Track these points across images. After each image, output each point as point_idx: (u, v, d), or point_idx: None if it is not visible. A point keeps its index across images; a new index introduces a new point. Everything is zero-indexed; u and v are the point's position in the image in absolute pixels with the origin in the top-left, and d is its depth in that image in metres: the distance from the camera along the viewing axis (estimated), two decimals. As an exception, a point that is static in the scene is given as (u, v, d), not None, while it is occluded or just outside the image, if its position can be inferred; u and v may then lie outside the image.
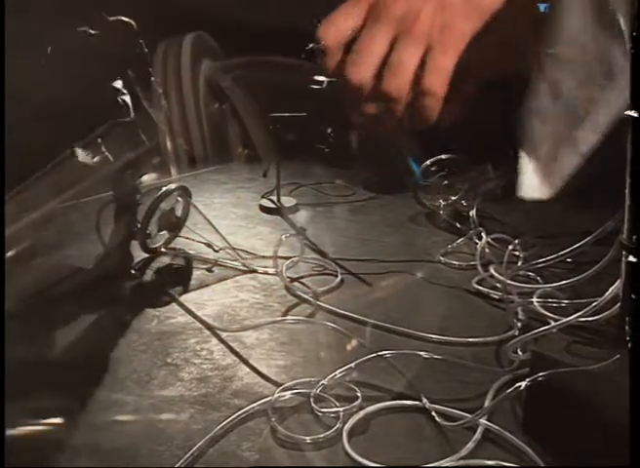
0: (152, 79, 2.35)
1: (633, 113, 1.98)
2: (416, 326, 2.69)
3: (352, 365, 2.41)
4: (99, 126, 3.09)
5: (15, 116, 2.38)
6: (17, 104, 2.66)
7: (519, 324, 2.74)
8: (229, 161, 4.38)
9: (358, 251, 3.21)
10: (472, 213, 3.60)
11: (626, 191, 2.20)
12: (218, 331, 2.73)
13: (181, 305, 2.98)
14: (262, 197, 3.95)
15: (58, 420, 2.30)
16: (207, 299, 3.11)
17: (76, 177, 3.08)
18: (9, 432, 1.94)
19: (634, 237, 2.21)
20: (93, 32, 2.73)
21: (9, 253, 2.50)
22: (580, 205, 3.61)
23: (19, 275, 2.25)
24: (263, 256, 3.31)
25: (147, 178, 3.27)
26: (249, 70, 2.62)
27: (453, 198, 3.82)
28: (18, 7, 3.05)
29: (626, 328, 2.22)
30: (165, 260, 3.40)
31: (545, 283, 3.04)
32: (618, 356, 2.25)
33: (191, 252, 3.46)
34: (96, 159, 3.13)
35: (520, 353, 2.54)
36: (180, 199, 3.36)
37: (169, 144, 2.30)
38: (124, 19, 2.86)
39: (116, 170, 3.00)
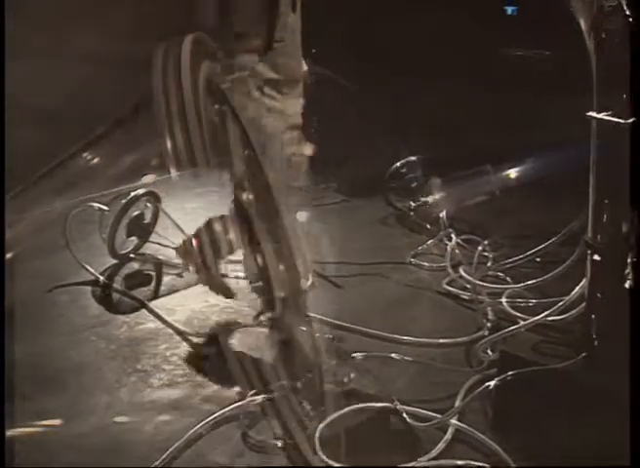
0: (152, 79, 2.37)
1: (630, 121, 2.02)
2: (388, 328, 2.71)
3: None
4: (98, 126, 3.08)
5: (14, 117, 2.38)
6: (17, 106, 2.64)
7: (489, 324, 2.77)
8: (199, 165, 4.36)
9: (329, 253, 3.20)
10: (442, 214, 3.63)
11: (590, 192, 2.24)
12: (188, 337, 2.71)
13: (151, 311, 2.95)
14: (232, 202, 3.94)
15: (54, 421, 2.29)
16: (177, 304, 3.07)
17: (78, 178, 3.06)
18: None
19: (598, 236, 2.25)
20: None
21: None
22: (547, 205, 3.66)
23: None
24: (233, 261, 3.30)
25: (147, 179, 3.24)
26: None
27: (423, 199, 3.86)
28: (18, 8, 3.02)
29: (593, 325, 2.26)
30: (134, 266, 3.39)
31: (515, 283, 3.08)
32: (584, 354, 2.29)
33: (161, 257, 3.43)
34: (96, 160, 3.12)
35: (490, 353, 2.57)
36: (148, 204, 3.34)
37: (169, 144, 2.33)
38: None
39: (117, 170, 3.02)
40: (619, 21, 1.88)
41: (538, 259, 3.09)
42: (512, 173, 3.65)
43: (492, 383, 2.22)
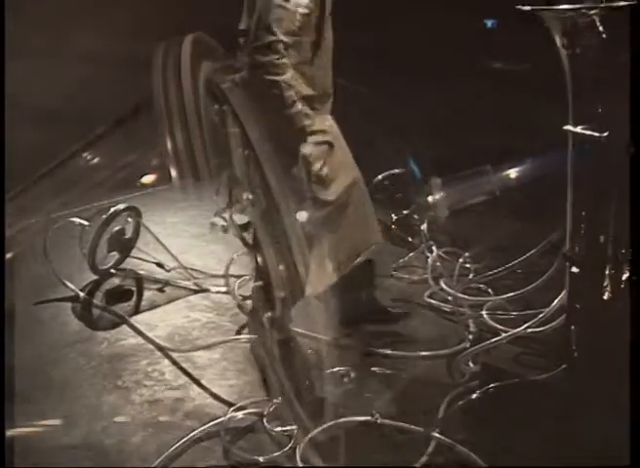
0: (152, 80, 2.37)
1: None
2: (369, 342, 2.71)
3: (307, 382, 2.41)
4: (98, 126, 3.06)
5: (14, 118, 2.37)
6: (17, 106, 2.62)
7: (470, 336, 2.78)
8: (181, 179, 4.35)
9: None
10: (424, 227, 3.64)
11: (567, 204, 2.26)
12: (169, 352, 2.70)
13: (132, 327, 2.93)
14: (215, 215, 3.93)
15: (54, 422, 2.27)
16: (158, 320, 3.06)
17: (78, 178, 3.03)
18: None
19: (576, 248, 2.27)
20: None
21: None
22: (528, 217, 3.69)
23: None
24: (215, 275, 3.30)
25: (147, 179, 3.22)
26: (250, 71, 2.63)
27: (405, 212, 3.87)
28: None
29: (572, 337, 2.27)
30: (115, 281, 3.37)
31: (497, 294, 3.10)
32: (564, 366, 2.31)
33: (142, 272, 3.43)
34: (96, 160, 3.10)
35: (472, 365, 2.57)
36: (129, 219, 3.33)
37: (169, 145, 2.31)
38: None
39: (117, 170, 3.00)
40: (593, 38, 1.91)
41: (519, 271, 3.11)
42: (512, 173, 3.65)
43: (474, 396, 2.24)
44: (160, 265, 3.33)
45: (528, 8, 1.98)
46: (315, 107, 2.43)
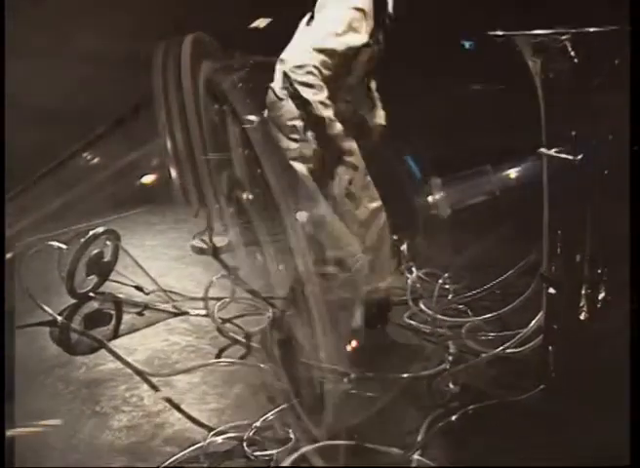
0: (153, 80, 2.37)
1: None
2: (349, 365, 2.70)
3: (285, 405, 2.40)
4: (98, 126, 3.04)
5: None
6: (17, 106, 2.61)
7: (450, 357, 2.79)
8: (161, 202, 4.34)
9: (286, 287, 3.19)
10: (403, 247, 3.65)
11: (544, 225, 2.29)
12: (148, 377, 2.68)
13: (111, 351, 2.91)
14: (194, 237, 3.94)
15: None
16: (137, 344, 3.04)
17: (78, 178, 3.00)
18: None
19: (553, 269, 2.30)
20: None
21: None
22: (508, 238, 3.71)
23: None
24: (194, 298, 3.29)
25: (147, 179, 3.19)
26: (249, 71, 2.65)
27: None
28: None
29: (550, 357, 2.29)
30: (94, 305, 3.34)
31: (475, 315, 3.11)
32: (542, 386, 2.32)
33: (121, 295, 3.39)
34: (96, 160, 3.07)
35: (452, 386, 2.58)
36: (108, 243, 3.31)
37: (169, 145, 2.31)
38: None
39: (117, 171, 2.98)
40: (565, 63, 1.94)
41: (497, 291, 3.14)
42: (512, 173, 3.66)
43: (453, 417, 2.24)
44: (139, 288, 3.31)
45: (500, 33, 2.02)
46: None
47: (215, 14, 4.60)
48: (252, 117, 2.54)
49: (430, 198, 3.59)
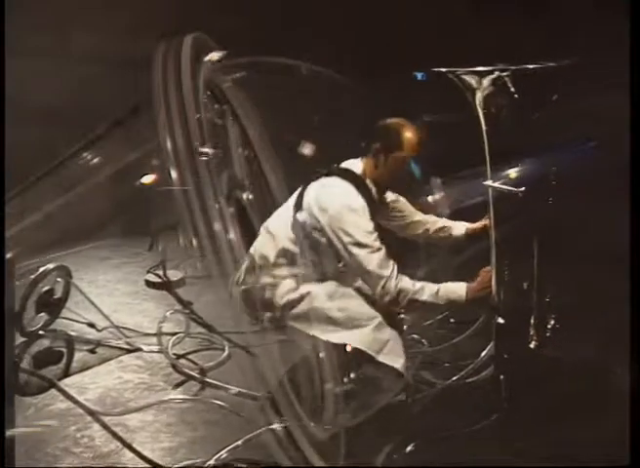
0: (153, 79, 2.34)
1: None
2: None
3: (240, 441, 2.37)
4: (98, 126, 2.98)
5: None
6: (17, 105, 2.55)
7: (407, 388, 2.78)
8: (114, 235, 4.30)
9: (248, 322, 3.18)
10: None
11: (491, 255, 2.33)
12: (100, 416, 2.62)
13: (61, 391, 2.85)
14: (148, 272, 3.89)
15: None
16: (89, 382, 2.96)
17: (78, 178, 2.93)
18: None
19: (502, 298, 2.33)
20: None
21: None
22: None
23: None
24: (148, 334, 3.24)
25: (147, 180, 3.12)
26: (249, 71, 2.63)
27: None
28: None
29: (502, 386, 2.31)
30: (44, 343, 3.27)
31: (430, 345, 3.13)
32: (495, 416, 2.34)
33: (73, 333, 3.34)
34: (96, 160, 3.00)
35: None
36: (59, 279, 3.26)
37: (169, 145, 2.25)
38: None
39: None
40: (505, 97, 2.00)
41: (452, 320, 3.16)
42: (512, 173, 3.66)
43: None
44: (91, 325, 3.26)
45: (444, 69, 2.07)
46: None
47: (215, 14, 4.62)
48: (205, 149, 2.53)
49: (430, 198, 3.60)
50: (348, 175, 2.32)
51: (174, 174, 2.21)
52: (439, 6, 4.61)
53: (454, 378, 2.52)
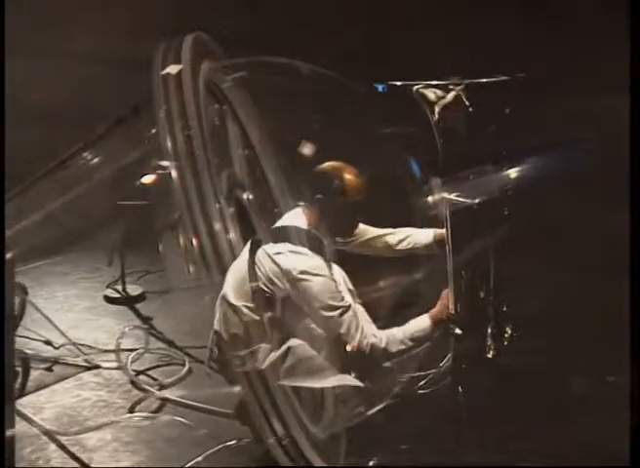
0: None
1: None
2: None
3: (200, 458, 2.35)
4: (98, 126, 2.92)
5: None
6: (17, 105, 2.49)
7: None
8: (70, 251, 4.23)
9: (207, 337, 3.16)
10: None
11: (448, 267, 2.34)
12: (56, 436, 2.57)
13: (16, 411, 2.79)
14: (107, 287, 3.84)
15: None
16: (45, 402, 2.90)
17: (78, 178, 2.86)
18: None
19: (458, 309, 2.35)
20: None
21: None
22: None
23: None
24: (106, 350, 3.19)
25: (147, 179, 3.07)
26: (249, 71, 2.60)
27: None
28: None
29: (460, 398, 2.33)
30: (-2, 363, 3.19)
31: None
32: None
33: (29, 351, 3.27)
34: (96, 159, 2.94)
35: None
36: (15, 297, 3.19)
37: (169, 145, 2.20)
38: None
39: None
40: (460, 111, 2.02)
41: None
42: (512, 173, 3.66)
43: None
44: (48, 343, 3.20)
45: (398, 83, 2.08)
46: None
47: (215, 14, 4.59)
48: (165, 163, 2.51)
49: (430, 198, 3.58)
50: (296, 235, 2.24)
51: (174, 174, 2.20)
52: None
53: (414, 388, 2.53)
